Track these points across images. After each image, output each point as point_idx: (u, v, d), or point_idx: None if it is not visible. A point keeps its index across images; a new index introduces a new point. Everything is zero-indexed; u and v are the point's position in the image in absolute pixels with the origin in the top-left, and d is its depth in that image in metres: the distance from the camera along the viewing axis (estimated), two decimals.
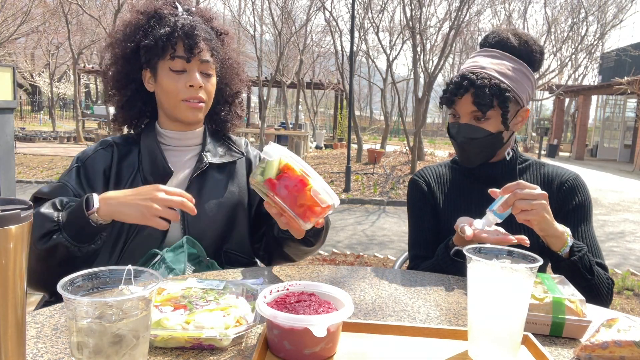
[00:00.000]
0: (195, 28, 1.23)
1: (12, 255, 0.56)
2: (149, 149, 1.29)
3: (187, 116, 1.27)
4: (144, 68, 1.29)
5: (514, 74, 1.28)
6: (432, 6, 13.07)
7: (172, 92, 1.24)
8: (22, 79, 26.83)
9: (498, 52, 1.31)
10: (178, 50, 1.22)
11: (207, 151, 1.34)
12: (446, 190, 1.43)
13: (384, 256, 5.15)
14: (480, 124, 1.27)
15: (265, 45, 20.23)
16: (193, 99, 1.25)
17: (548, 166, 1.40)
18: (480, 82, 1.23)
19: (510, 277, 0.71)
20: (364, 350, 0.75)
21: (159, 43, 1.21)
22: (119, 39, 1.29)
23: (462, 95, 1.26)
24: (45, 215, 1.04)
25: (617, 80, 14.27)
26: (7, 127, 3.47)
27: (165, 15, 1.27)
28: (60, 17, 16.95)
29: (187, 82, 1.23)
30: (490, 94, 1.23)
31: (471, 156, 1.33)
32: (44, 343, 0.74)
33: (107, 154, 1.29)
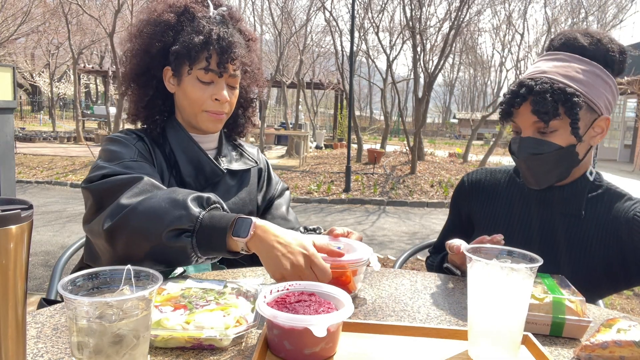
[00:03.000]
0: (233, 44, 1.17)
1: (12, 255, 0.56)
2: (184, 151, 1.22)
3: (208, 127, 1.23)
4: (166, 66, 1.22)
5: (584, 76, 1.09)
6: (432, 6, 13.07)
7: (196, 102, 1.19)
8: (22, 79, 26.81)
9: (564, 55, 1.13)
10: (212, 64, 1.16)
11: (224, 156, 1.32)
12: (493, 201, 1.28)
13: (384, 256, 5.16)
14: (546, 137, 1.09)
15: (265, 45, 20.24)
16: (215, 113, 1.21)
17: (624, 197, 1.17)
18: (539, 87, 1.06)
19: (510, 277, 0.71)
20: (364, 350, 0.75)
21: (192, 53, 1.15)
22: (144, 33, 1.21)
23: (519, 105, 1.09)
24: (190, 210, 0.92)
25: (617, 81, 14.27)
26: (7, 127, 3.47)
27: (197, 17, 1.19)
28: (60, 17, 16.94)
29: (214, 95, 1.19)
30: (552, 100, 1.05)
31: (538, 176, 1.13)
32: (44, 343, 0.74)
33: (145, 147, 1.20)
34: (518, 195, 1.25)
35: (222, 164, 1.29)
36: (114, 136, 1.19)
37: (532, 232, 1.21)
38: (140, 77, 1.24)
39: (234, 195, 1.32)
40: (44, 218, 6.56)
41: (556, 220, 1.18)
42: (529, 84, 1.08)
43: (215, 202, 0.98)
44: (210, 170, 1.24)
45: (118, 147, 1.14)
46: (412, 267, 4.28)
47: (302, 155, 12.97)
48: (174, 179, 1.21)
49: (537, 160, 1.10)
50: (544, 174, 1.12)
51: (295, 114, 20.50)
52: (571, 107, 1.05)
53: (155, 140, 1.24)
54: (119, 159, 1.09)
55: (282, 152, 15.58)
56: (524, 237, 1.22)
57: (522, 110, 1.11)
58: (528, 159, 1.12)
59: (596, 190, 1.18)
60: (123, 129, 1.26)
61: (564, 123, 1.08)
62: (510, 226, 1.23)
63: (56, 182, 9.47)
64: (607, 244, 1.13)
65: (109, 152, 1.13)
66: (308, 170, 11.67)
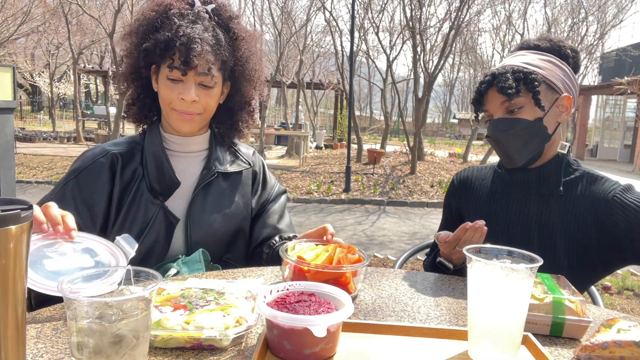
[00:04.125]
0: (193, 40, 1.14)
1: (12, 255, 0.56)
2: (154, 155, 1.23)
3: (179, 127, 1.22)
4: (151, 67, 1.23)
5: (540, 62, 1.22)
6: (432, 6, 13.07)
7: (165, 100, 1.20)
8: (22, 79, 26.80)
9: (523, 51, 1.28)
10: (175, 61, 1.15)
11: (215, 159, 1.30)
12: (479, 194, 1.37)
13: (384, 256, 5.15)
14: (514, 114, 1.19)
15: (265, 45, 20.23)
16: (182, 112, 1.19)
17: (600, 181, 1.24)
18: (500, 71, 1.20)
19: (510, 277, 0.71)
20: (364, 350, 0.75)
21: (157, 50, 1.15)
22: (133, 32, 1.24)
23: (487, 90, 1.22)
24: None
25: (617, 80, 14.26)
26: (7, 127, 3.47)
27: (171, 16, 1.19)
28: (60, 17, 16.93)
29: (180, 95, 1.17)
30: (514, 79, 1.17)
31: (512, 153, 1.21)
32: (44, 343, 0.74)
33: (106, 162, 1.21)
34: (501, 184, 1.34)
35: (214, 167, 1.28)
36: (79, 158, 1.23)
37: (512, 216, 1.29)
38: (129, 76, 1.26)
39: (228, 198, 1.29)
40: None
41: (534, 201, 1.26)
42: (492, 72, 1.22)
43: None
44: (169, 178, 1.22)
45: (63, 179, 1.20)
46: (412, 267, 4.28)
47: (302, 155, 12.97)
48: (145, 183, 1.22)
49: (510, 136, 1.20)
50: (518, 150, 1.21)
51: (295, 114, 20.50)
52: (530, 82, 1.17)
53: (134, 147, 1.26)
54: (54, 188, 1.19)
55: (282, 152, 15.58)
56: (505, 221, 1.29)
57: (489, 96, 1.23)
58: (502, 137, 1.21)
59: (574, 173, 1.26)
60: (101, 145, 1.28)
61: (528, 99, 1.18)
62: (493, 214, 1.31)
63: (56, 182, 9.47)
64: (585, 224, 1.20)
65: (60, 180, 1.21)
66: (308, 170, 11.67)
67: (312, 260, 0.95)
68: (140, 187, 1.21)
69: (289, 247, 1.03)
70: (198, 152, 1.30)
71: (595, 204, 1.20)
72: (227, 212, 1.28)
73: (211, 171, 1.27)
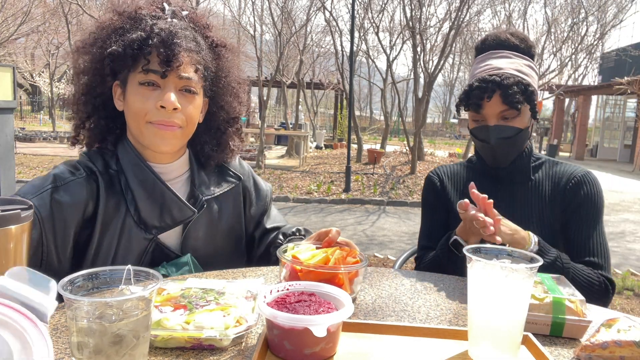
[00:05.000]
0: (176, 35, 1.00)
1: (12, 255, 0.56)
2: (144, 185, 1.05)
3: (156, 143, 1.03)
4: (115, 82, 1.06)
5: (528, 70, 1.30)
6: (432, 6, 13.06)
7: (139, 112, 1.00)
8: (22, 79, 26.80)
9: (508, 52, 1.32)
10: (152, 62, 0.99)
11: (200, 184, 1.16)
12: (459, 187, 1.45)
13: (384, 256, 5.16)
14: (508, 122, 1.27)
15: (265, 45, 20.23)
16: (161, 123, 1.01)
17: (561, 165, 1.39)
18: (506, 82, 1.23)
19: (510, 277, 0.71)
20: (364, 350, 0.75)
21: (127, 51, 0.98)
22: (88, 44, 1.06)
23: (490, 98, 1.25)
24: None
25: (617, 80, 14.27)
26: (7, 127, 3.47)
27: (143, 17, 1.03)
28: (60, 17, 16.95)
29: (158, 102, 1.00)
30: (519, 91, 1.23)
31: (502, 156, 1.32)
32: None
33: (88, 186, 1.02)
34: (475, 178, 1.41)
35: (201, 195, 1.14)
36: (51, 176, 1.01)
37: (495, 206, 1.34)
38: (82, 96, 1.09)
39: (220, 220, 1.19)
40: None
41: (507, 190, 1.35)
42: (496, 80, 1.25)
43: None
44: (178, 211, 1.07)
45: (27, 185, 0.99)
46: (412, 267, 4.28)
47: (302, 155, 12.97)
48: (132, 219, 1.04)
49: (506, 143, 1.28)
50: (506, 154, 1.32)
51: (295, 114, 20.49)
52: (530, 95, 1.25)
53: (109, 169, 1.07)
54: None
55: (282, 152, 15.58)
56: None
57: (492, 102, 1.26)
58: (499, 143, 1.28)
59: (537, 161, 1.39)
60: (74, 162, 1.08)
61: (524, 110, 1.27)
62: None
63: None
64: (552, 205, 1.33)
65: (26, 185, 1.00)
66: (308, 170, 11.67)
67: (307, 261, 0.94)
68: (125, 223, 1.05)
69: (289, 247, 1.03)
70: (178, 177, 1.14)
71: (559, 183, 1.34)
72: (224, 235, 1.21)
73: (199, 201, 1.13)
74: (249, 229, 1.31)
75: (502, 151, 1.30)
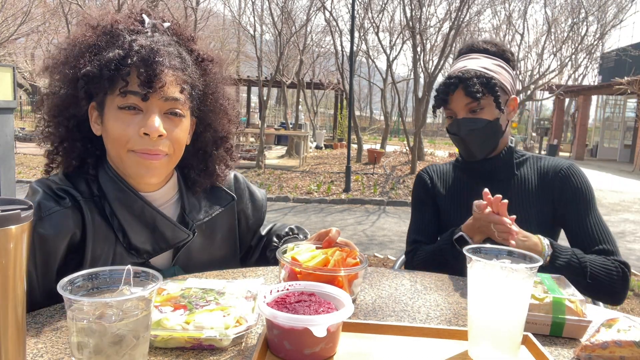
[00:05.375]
0: (157, 52, 0.90)
1: (12, 255, 0.56)
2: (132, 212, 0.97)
3: (138, 174, 0.94)
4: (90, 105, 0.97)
5: (495, 67, 1.37)
6: (432, 6, 13.05)
7: (119, 139, 0.91)
8: (22, 79, 26.78)
9: (475, 54, 1.42)
10: (131, 83, 0.89)
11: (191, 209, 1.07)
12: (447, 185, 1.51)
13: (384, 256, 5.15)
14: (477, 114, 1.33)
15: (265, 45, 20.22)
16: (145, 152, 0.92)
17: (545, 159, 1.45)
18: (466, 75, 1.32)
19: (510, 277, 0.71)
20: (364, 351, 0.75)
21: (104, 72, 0.88)
22: (59, 62, 0.97)
23: (454, 92, 1.33)
24: None
25: (617, 80, 14.27)
26: (7, 127, 3.47)
27: (120, 32, 0.94)
28: (60, 17, 16.93)
29: (141, 128, 0.90)
30: (478, 83, 1.31)
31: (474, 148, 1.37)
32: (44, 343, 0.74)
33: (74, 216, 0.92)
34: (462, 176, 1.49)
35: (191, 222, 1.06)
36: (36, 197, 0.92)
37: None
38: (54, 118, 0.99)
39: (214, 241, 1.13)
40: None
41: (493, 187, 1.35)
42: (458, 75, 1.33)
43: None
44: (171, 235, 1.00)
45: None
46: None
47: (302, 155, 12.96)
48: (122, 246, 0.97)
49: (475, 134, 1.34)
50: (479, 146, 1.36)
51: (295, 114, 20.49)
52: (492, 87, 1.31)
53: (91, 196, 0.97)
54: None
55: (282, 152, 15.57)
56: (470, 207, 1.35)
57: (455, 96, 1.34)
58: (468, 135, 1.34)
59: (521, 157, 1.44)
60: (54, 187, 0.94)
61: (489, 101, 1.33)
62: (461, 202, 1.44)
63: None
64: (539, 198, 1.37)
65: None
66: (308, 170, 11.67)
67: (306, 262, 0.93)
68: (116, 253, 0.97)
69: (288, 248, 1.02)
70: (168, 202, 1.07)
71: (544, 178, 1.39)
72: (216, 256, 1.15)
73: (191, 227, 1.05)
74: (245, 243, 1.27)
75: (473, 143, 1.36)
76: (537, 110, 31.85)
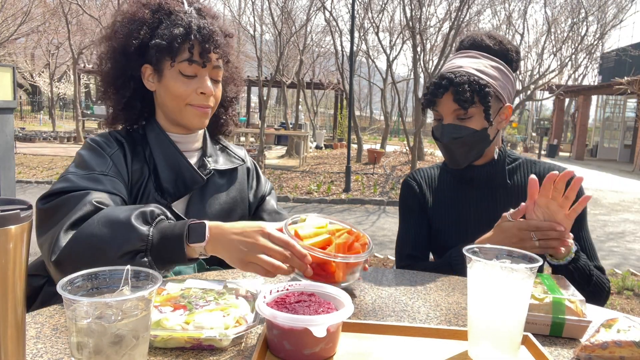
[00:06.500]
0: (214, 32, 1.16)
1: (12, 255, 0.56)
2: (166, 155, 1.20)
3: (193, 122, 1.21)
4: (144, 64, 1.20)
5: (492, 71, 1.28)
6: (432, 6, 13.05)
7: (180, 96, 1.17)
8: (22, 79, 26.81)
9: (475, 52, 1.32)
10: (194, 55, 1.14)
11: (209, 156, 1.30)
12: (436, 191, 1.43)
13: (384, 256, 5.15)
14: (464, 122, 1.25)
15: (265, 45, 20.21)
16: (201, 106, 1.19)
17: (539, 164, 1.38)
18: (458, 79, 1.23)
19: (510, 277, 0.71)
20: (363, 351, 0.75)
21: (173, 44, 1.13)
22: (118, 32, 1.19)
23: (442, 95, 1.25)
24: (136, 230, 0.90)
25: (617, 80, 14.27)
26: (7, 127, 3.47)
27: (174, 12, 1.19)
28: (60, 17, 16.94)
29: (198, 89, 1.17)
30: (470, 90, 1.22)
31: (458, 157, 1.30)
32: (44, 343, 0.74)
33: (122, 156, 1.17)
34: (451, 182, 1.42)
35: (209, 164, 1.27)
36: (93, 141, 1.17)
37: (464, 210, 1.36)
38: (117, 79, 1.21)
39: (225, 194, 1.30)
40: None
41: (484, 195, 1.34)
42: (450, 77, 1.24)
43: (159, 215, 0.97)
44: (190, 177, 1.21)
45: (92, 156, 1.12)
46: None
47: (302, 155, 12.96)
48: (152, 184, 1.18)
49: (458, 143, 1.26)
50: (463, 154, 1.29)
51: (295, 114, 20.48)
52: (484, 96, 1.22)
53: (135, 142, 1.22)
54: (89, 169, 1.08)
55: (282, 152, 15.57)
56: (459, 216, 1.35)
57: (444, 100, 1.26)
58: (450, 143, 1.27)
59: (514, 162, 1.38)
60: (105, 132, 1.23)
61: (479, 110, 1.25)
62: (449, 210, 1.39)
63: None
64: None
65: (82, 159, 1.12)
66: (308, 170, 11.67)
67: (307, 238, 0.91)
68: (147, 187, 1.18)
69: (300, 219, 1.01)
70: (194, 150, 1.29)
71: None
72: (226, 208, 1.29)
73: (207, 169, 1.26)
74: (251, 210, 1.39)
75: (456, 151, 1.28)
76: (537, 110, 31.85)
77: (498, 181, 1.35)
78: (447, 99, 1.25)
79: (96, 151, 1.14)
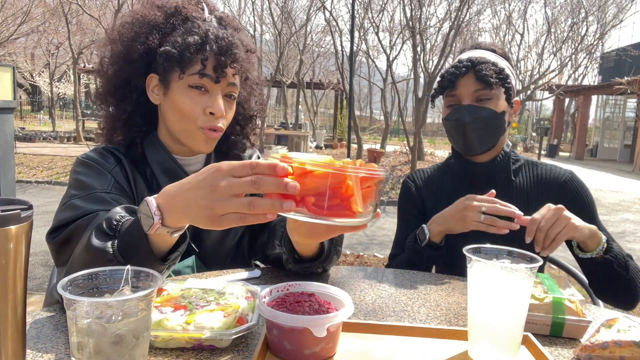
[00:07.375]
0: (233, 45, 1.03)
1: (12, 255, 0.56)
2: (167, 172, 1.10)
3: (200, 148, 1.08)
4: (150, 74, 1.07)
5: (503, 62, 1.32)
6: (432, 6, 13.04)
7: (188, 116, 1.03)
8: (22, 79, 26.81)
9: (483, 50, 1.36)
10: (208, 67, 1.01)
11: None
12: (435, 192, 1.43)
13: (384, 256, 5.15)
14: (483, 104, 1.25)
15: (265, 45, 20.22)
16: (211, 129, 1.05)
17: (541, 165, 1.38)
18: (480, 59, 1.26)
19: (510, 277, 0.71)
20: (364, 351, 0.75)
21: (185, 54, 1.00)
22: (125, 35, 1.07)
23: (464, 75, 1.25)
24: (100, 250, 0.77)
25: (617, 80, 14.27)
26: (7, 127, 3.47)
27: (192, 18, 1.06)
28: (60, 17, 16.93)
29: (208, 108, 1.03)
30: (493, 70, 1.24)
31: (475, 140, 1.28)
32: (44, 343, 0.74)
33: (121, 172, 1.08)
34: (452, 182, 1.41)
35: None
36: (88, 158, 1.06)
37: None
38: (118, 88, 1.09)
39: None
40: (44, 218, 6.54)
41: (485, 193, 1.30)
42: (471, 59, 1.26)
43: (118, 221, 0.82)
44: None
45: (90, 174, 1.02)
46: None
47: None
48: None
49: (479, 122, 1.25)
50: (481, 137, 1.28)
51: (295, 114, 20.50)
52: (504, 78, 1.26)
53: (136, 160, 1.11)
54: (89, 189, 0.98)
55: (282, 152, 15.56)
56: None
57: (464, 80, 1.26)
58: (472, 123, 1.25)
59: (517, 163, 1.38)
60: (99, 147, 1.12)
61: (499, 92, 1.26)
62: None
63: (56, 182, 9.46)
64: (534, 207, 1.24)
65: (80, 179, 1.01)
66: None
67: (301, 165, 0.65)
68: None
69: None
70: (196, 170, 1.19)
71: (545, 187, 1.33)
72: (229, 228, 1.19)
73: None
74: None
75: (476, 133, 1.26)
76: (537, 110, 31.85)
77: (499, 181, 1.34)
78: (468, 79, 1.25)
79: (94, 168, 1.04)
